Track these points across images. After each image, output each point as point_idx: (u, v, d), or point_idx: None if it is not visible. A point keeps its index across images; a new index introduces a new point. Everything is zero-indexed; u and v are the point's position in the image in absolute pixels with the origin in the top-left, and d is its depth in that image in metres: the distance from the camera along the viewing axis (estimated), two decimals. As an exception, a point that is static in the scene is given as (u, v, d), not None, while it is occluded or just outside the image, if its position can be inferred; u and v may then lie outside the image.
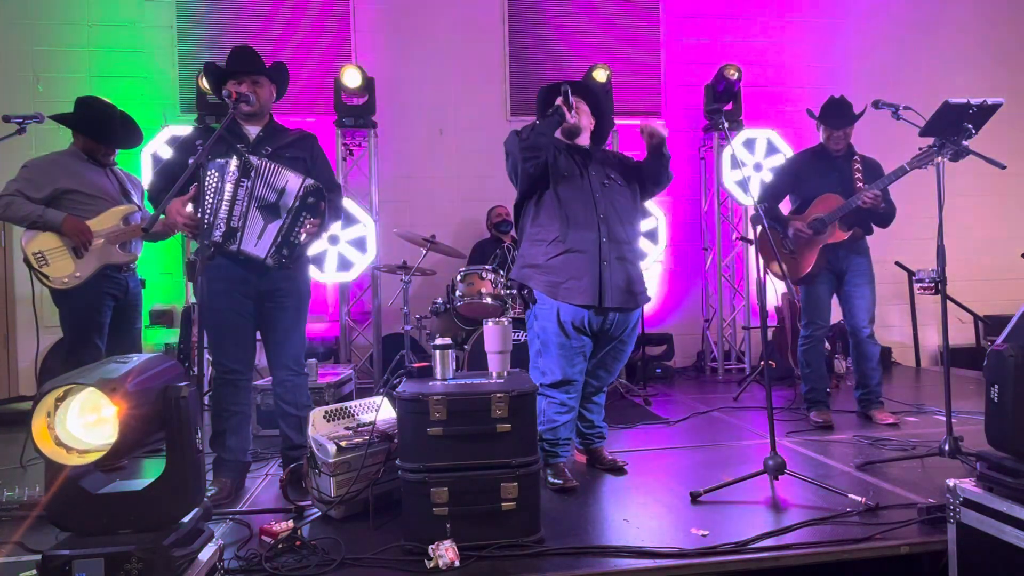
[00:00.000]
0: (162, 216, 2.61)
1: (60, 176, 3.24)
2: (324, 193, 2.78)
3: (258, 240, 2.70)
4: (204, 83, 5.20)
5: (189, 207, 2.64)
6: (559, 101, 2.81)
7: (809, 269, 3.72)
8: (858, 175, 3.61)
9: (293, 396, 2.92)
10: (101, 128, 3.35)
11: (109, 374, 1.56)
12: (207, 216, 2.61)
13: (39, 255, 3.17)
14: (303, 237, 2.76)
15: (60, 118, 3.33)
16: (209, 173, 2.63)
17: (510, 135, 2.83)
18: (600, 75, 5.56)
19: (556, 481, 2.74)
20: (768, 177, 5.94)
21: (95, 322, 3.27)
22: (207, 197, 2.62)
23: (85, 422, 1.57)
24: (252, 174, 2.67)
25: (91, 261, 3.23)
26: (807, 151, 3.92)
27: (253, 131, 2.84)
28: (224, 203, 2.64)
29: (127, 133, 3.45)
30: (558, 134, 2.90)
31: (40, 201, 3.19)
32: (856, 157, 3.70)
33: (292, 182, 2.71)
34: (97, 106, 3.35)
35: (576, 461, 3.12)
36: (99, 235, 3.25)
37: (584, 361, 2.85)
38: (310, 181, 2.73)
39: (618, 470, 2.98)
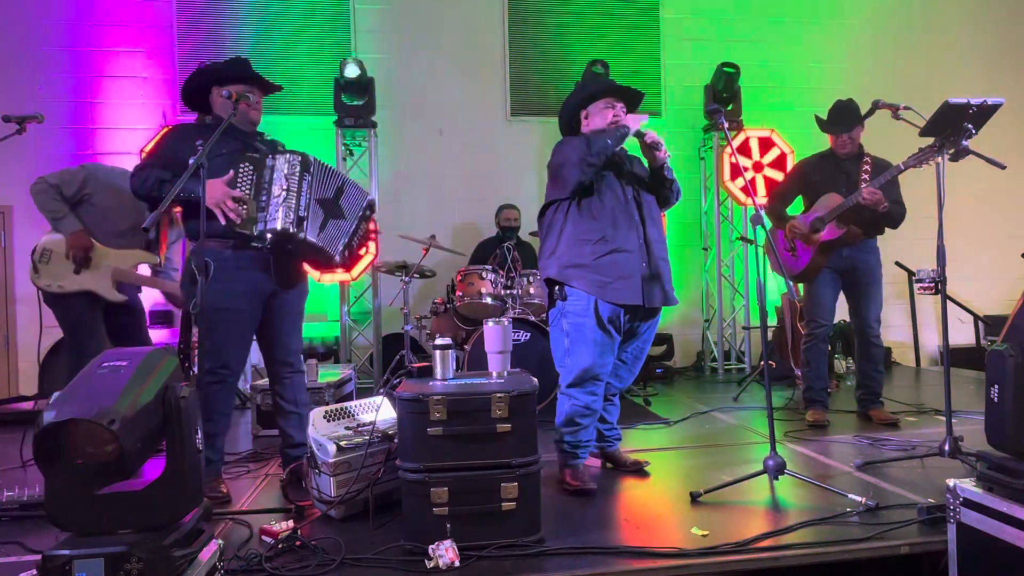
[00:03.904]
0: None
1: (92, 184, 3.35)
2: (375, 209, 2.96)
3: (319, 232, 2.72)
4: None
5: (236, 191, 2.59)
6: (630, 124, 2.80)
7: (805, 266, 3.73)
8: (865, 175, 3.59)
9: (294, 394, 2.93)
10: None
11: (105, 401, 1.53)
12: (262, 202, 2.62)
13: (46, 252, 3.28)
14: (359, 246, 2.91)
15: None
16: (267, 166, 2.65)
17: (578, 141, 2.79)
18: (598, 71, 5.56)
19: (573, 484, 2.70)
20: (770, 176, 5.96)
21: (86, 324, 3.35)
22: (258, 188, 2.63)
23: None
24: (312, 169, 2.70)
25: (80, 281, 3.31)
26: (816, 155, 3.92)
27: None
28: (292, 193, 2.63)
29: None
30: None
31: (70, 199, 3.31)
32: (866, 157, 3.68)
33: (352, 188, 2.84)
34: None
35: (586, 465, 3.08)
36: (103, 263, 3.32)
37: (613, 357, 2.82)
38: (372, 197, 2.91)
39: (641, 471, 2.94)
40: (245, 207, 2.59)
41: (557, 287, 2.82)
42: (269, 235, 2.60)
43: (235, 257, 2.65)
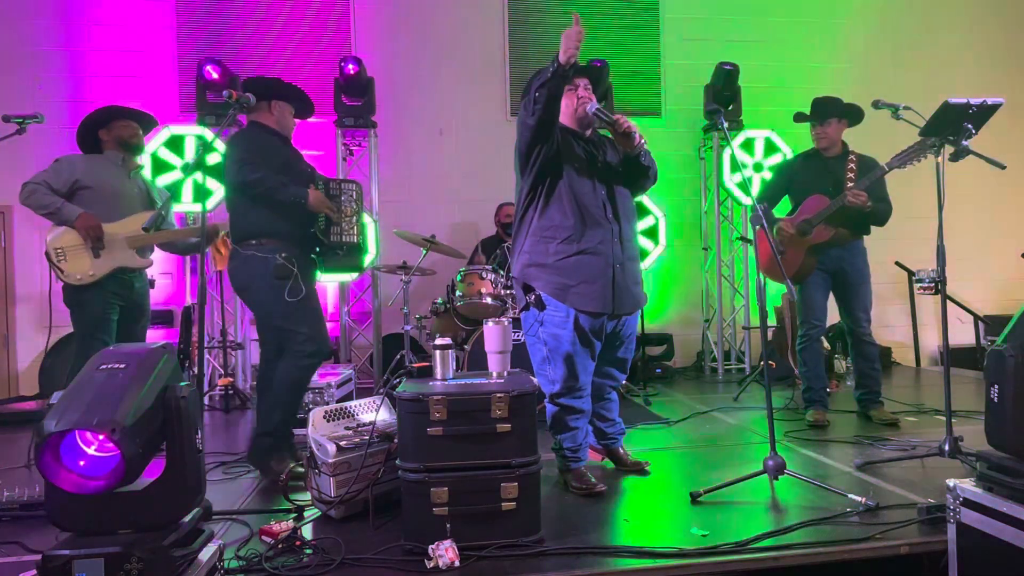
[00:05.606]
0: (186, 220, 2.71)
1: (81, 171, 3.34)
2: None
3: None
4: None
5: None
6: (589, 107, 2.72)
7: (796, 269, 3.72)
8: (851, 174, 3.59)
9: None
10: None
11: (105, 409, 1.53)
12: (342, 219, 3.09)
13: (59, 250, 3.25)
14: None
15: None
16: (345, 188, 3.12)
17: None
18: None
19: (580, 486, 2.67)
20: (769, 178, 5.95)
21: (104, 320, 3.35)
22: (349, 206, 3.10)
23: (93, 446, 1.57)
24: (362, 195, 3.20)
25: (107, 261, 3.30)
26: (801, 155, 3.93)
27: None
28: (357, 215, 3.11)
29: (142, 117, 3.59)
30: (571, 123, 2.81)
31: (62, 193, 3.28)
32: (851, 156, 3.67)
33: None
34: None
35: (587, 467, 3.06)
36: (119, 237, 3.32)
37: (594, 362, 2.77)
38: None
39: (641, 471, 2.93)
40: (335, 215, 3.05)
41: (533, 295, 2.71)
42: (345, 245, 3.07)
43: (303, 255, 3.02)
